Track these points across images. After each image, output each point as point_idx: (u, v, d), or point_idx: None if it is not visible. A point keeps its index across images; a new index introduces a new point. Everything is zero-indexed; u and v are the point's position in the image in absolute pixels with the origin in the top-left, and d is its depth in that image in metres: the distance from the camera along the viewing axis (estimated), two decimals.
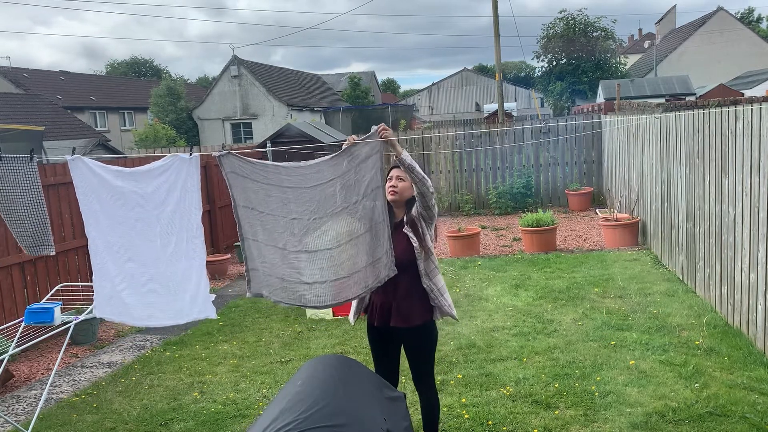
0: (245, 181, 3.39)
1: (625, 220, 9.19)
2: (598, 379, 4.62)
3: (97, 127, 32.63)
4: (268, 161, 3.43)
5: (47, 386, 4.54)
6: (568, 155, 13.27)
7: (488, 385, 4.68)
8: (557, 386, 4.55)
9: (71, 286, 6.14)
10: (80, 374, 5.69)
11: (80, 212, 3.74)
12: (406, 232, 3.37)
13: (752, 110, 4.79)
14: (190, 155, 3.62)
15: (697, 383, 4.41)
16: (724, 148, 5.48)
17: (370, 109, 28.91)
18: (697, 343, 5.12)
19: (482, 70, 64.46)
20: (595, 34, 32.38)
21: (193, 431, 4.39)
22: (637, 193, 9.31)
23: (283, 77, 35.98)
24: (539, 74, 36.74)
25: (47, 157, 6.51)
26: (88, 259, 3.85)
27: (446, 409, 4.33)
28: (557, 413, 4.17)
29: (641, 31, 58.83)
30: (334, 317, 6.69)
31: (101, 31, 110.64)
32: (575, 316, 6.09)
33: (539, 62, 34.70)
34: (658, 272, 7.44)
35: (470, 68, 54.37)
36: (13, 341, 4.66)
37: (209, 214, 10.45)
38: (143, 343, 6.46)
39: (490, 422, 4.12)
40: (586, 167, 13.19)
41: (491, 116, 28.98)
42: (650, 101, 18.09)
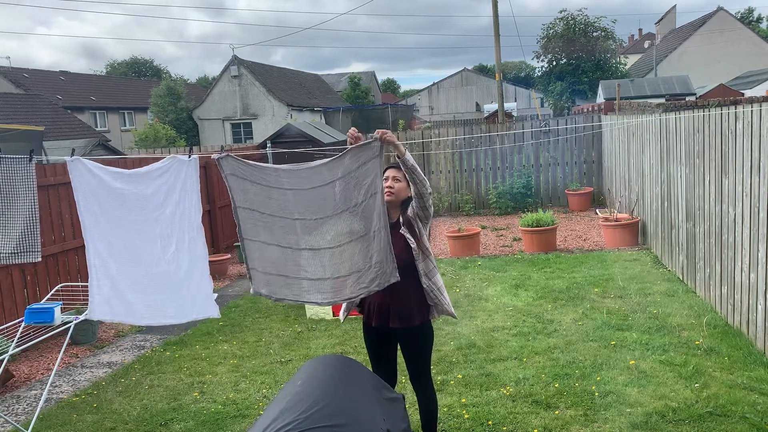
0: (245, 183, 3.40)
1: (625, 220, 9.19)
2: (598, 379, 4.62)
3: (97, 127, 32.63)
4: (266, 164, 3.42)
5: (47, 386, 4.54)
6: (568, 155, 13.27)
7: (488, 385, 4.68)
8: (557, 386, 4.55)
9: (71, 286, 6.14)
10: (80, 374, 5.69)
11: (78, 212, 3.74)
12: (402, 233, 3.37)
13: (752, 110, 4.79)
14: (189, 157, 3.63)
15: (697, 383, 4.41)
16: (724, 148, 5.48)
17: (370, 109, 28.91)
18: (697, 343, 5.12)
19: (482, 70, 64.47)
20: (595, 34, 32.35)
21: (193, 431, 4.39)
22: (637, 193, 9.31)
23: (283, 77, 35.97)
24: (539, 74, 36.71)
25: (47, 158, 6.51)
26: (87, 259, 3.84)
27: (446, 409, 4.33)
28: (557, 413, 4.17)
29: (641, 31, 58.87)
30: (334, 317, 6.69)
31: (101, 31, 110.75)
32: (575, 316, 6.09)
33: (539, 62, 34.70)
34: (658, 272, 7.44)
35: (470, 68, 54.37)
36: (13, 341, 4.66)
37: (209, 214, 10.45)
38: (143, 343, 6.46)
39: (490, 422, 4.12)
40: (586, 167, 13.19)
41: (491, 116, 28.98)
42: (650, 101, 18.08)
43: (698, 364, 4.72)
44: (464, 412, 4.27)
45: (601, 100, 23.23)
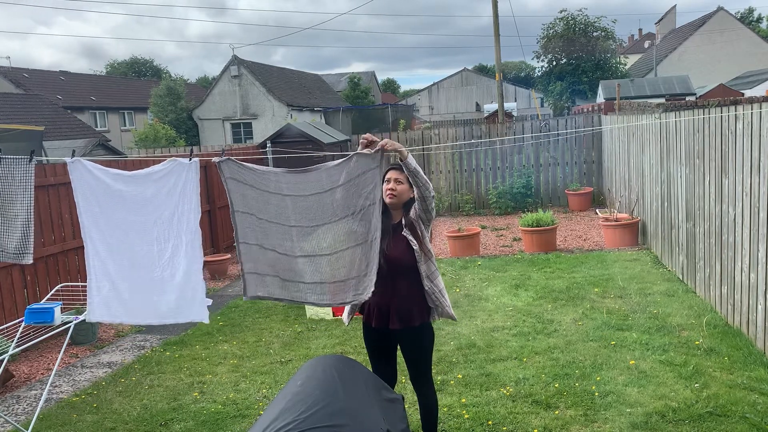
0: (244, 187, 3.40)
1: (625, 220, 9.19)
2: (598, 379, 4.62)
3: (97, 127, 32.63)
4: (267, 168, 3.42)
5: (47, 386, 4.54)
6: (568, 155, 13.27)
7: (488, 385, 4.69)
8: (557, 386, 4.55)
9: (71, 286, 6.14)
10: (80, 374, 5.69)
11: (77, 213, 3.73)
12: (405, 235, 3.37)
13: (752, 110, 4.79)
14: (189, 160, 3.63)
15: (697, 383, 4.41)
16: (724, 148, 5.48)
17: (370, 109, 28.90)
18: (697, 343, 5.12)
19: (482, 70, 64.49)
20: (595, 34, 32.37)
21: (193, 431, 4.39)
22: (637, 193, 9.31)
23: (283, 77, 35.96)
24: (539, 74, 36.73)
25: (47, 158, 6.51)
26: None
27: (446, 409, 4.33)
28: (557, 413, 4.17)
29: (641, 31, 58.87)
30: (334, 317, 6.69)
31: (102, 31, 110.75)
32: (575, 316, 6.10)
33: (539, 62, 34.74)
34: (658, 272, 7.44)
35: (470, 68, 54.37)
36: (13, 341, 4.66)
37: (209, 214, 10.45)
38: (143, 343, 6.46)
39: (490, 422, 4.12)
40: (586, 167, 13.19)
41: (491, 116, 28.97)
42: (650, 101, 18.08)
43: (698, 364, 4.72)
44: (464, 412, 4.27)
45: (601, 100, 23.23)
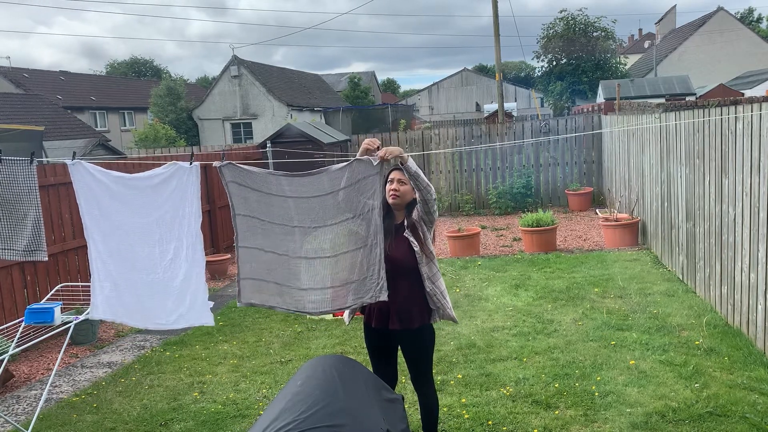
0: (246, 190, 3.40)
1: (625, 220, 9.19)
2: (598, 379, 4.62)
3: (97, 127, 32.63)
4: (268, 171, 3.41)
5: (47, 386, 4.54)
6: (568, 155, 13.27)
7: (488, 385, 4.69)
8: (557, 386, 4.55)
9: (71, 286, 6.14)
10: (80, 374, 5.69)
11: (80, 214, 3.74)
12: (406, 236, 3.37)
13: (752, 110, 4.79)
14: (190, 163, 3.63)
15: (697, 383, 4.41)
16: (724, 148, 5.48)
17: (370, 109, 28.89)
18: (697, 343, 5.12)
19: (482, 70, 64.47)
20: (595, 34, 32.36)
21: (193, 431, 4.39)
22: (637, 193, 9.31)
23: (283, 77, 35.95)
24: (539, 74, 36.72)
25: (47, 159, 6.51)
26: (88, 259, 3.84)
27: (446, 409, 4.33)
28: (557, 413, 4.17)
29: (641, 31, 58.86)
30: (334, 317, 6.69)
31: (102, 31, 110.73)
32: (575, 316, 6.10)
33: (539, 62, 34.72)
34: (658, 272, 7.44)
35: (470, 68, 54.34)
36: (13, 341, 4.66)
37: (209, 214, 10.45)
38: (143, 343, 6.46)
39: (490, 422, 4.12)
40: (586, 167, 13.20)
41: (491, 116, 28.97)
42: (650, 101, 18.08)
43: (698, 364, 4.72)
44: (464, 412, 4.27)
45: (601, 100, 23.23)
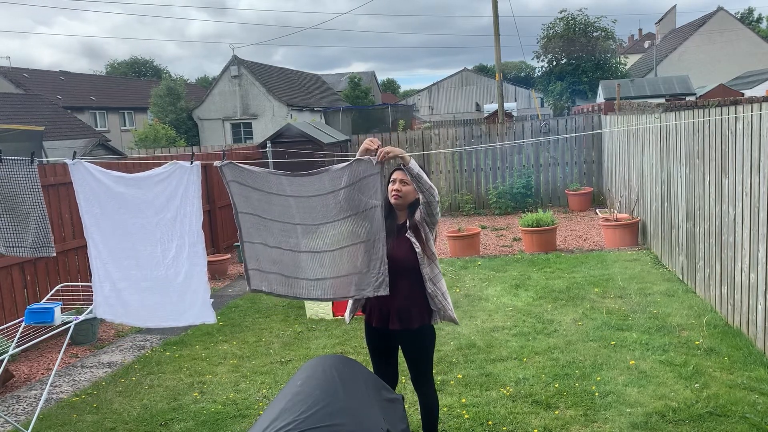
0: (247, 189, 3.42)
1: (625, 220, 9.19)
2: (598, 379, 4.62)
3: (97, 127, 32.62)
4: (269, 170, 3.42)
5: (47, 386, 4.54)
6: (568, 155, 13.27)
7: (488, 385, 4.69)
8: (557, 386, 4.55)
9: (71, 286, 6.14)
10: (80, 374, 5.69)
11: (80, 214, 3.74)
12: (408, 236, 3.37)
13: (752, 110, 4.79)
14: (191, 163, 3.63)
15: (697, 383, 4.41)
16: (724, 148, 5.48)
17: (370, 109, 28.89)
18: (697, 343, 5.12)
19: (482, 70, 64.47)
20: (595, 34, 32.35)
21: (193, 431, 4.39)
22: (637, 193, 9.31)
23: (283, 77, 35.94)
24: (539, 74, 36.70)
25: (47, 159, 6.51)
26: (88, 259, 3.85)
27: (446, 409, 4.33)
28: (557, 413, 4.17)
29: (641, 31, 58.85)
30: (334, 317, 6.69)
31: (102, 31, 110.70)
32: (575, 316, 6.10)
33: (539, 62, 34.70)
34: (658, 272, 7.44)
35: (470, 68, 54.34)
36: (13, 341, 4.66)
37: (209, 214, 10.45)
38: (143, 343, 6.46)
39: (490, 422, 4.12)
40: (586, 167, 13.20)
41: (491, 116, 28.96)
42: (650, 101, 18.08)
43: (698, 364, 4.72)
44: (464, 412, 4.27)
45: (601, 100, 23.23)
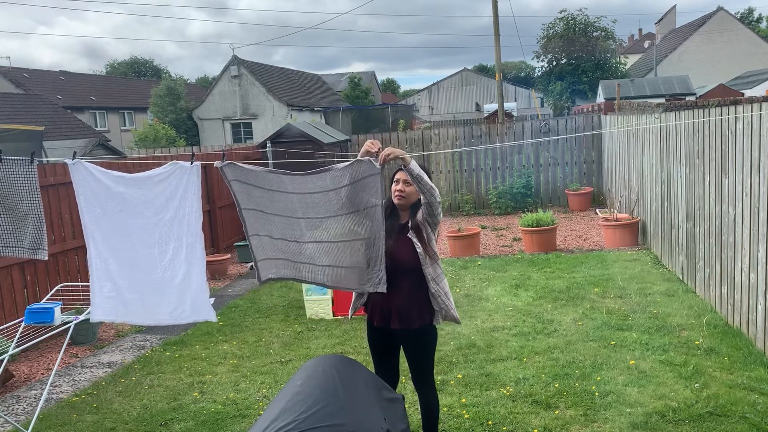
0: (249, 187, 3.43)
1: (625, 220, 9.19)
2: (598, 379, 4.62)
3: (97, 127, 32.62)
4: (269, 169, 3.42)
5: (47, 386, 4.54)
6: (568, 155, 13.27)
7: (488, 385, 4.69)
8: (557, 386, 4.55)
9: (71, 286, 6.14)
10: (80, 374, 5.69)
11: (80, 214, 3.74)
12: (410, 237, 3.37)
13: (752, 110, 4.79)
14: (191, 163, 3.62)
15: (697, 383, 4.41)
16: (724, 148, 5.48)
17: (370, 109, 28.89)
18: (697, 343, 5.12)
19: (482, 70, 64.46)
20: (595, 34, 32.36)
21: (193, 431, 4.39)
22: (637, 193, 9.31)
23: (283, 77, 35.94)
24: (539, 74, 36.71)
25: (47, 159, 6.51)
26: (87, 259, 3.84)
27: (446, 409, 4.33)
28: (557, 413, 4.17)
29: (641, 31, 58.85)
30: (334, 317, 6.69)
31: (102, 31, 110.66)
32: (575, 316, 6.10)
33: (539, 62, 34.70)
34: (658, 272, 7.44)
35: (470, 68, 54.34)
36: (13, 341, 4.66)
37: (209, 214, 10.45)
38: (143, 343, 6.46)
39: (490, 422, 4.12)
40: (586, 167, 13.20)
41: (491, 116, 28.96)
42: (650, 101, 18.08)
43: (698, 364, 4.72)
44: (464, 412, 4.27)
45: (601, 100, 23.23)
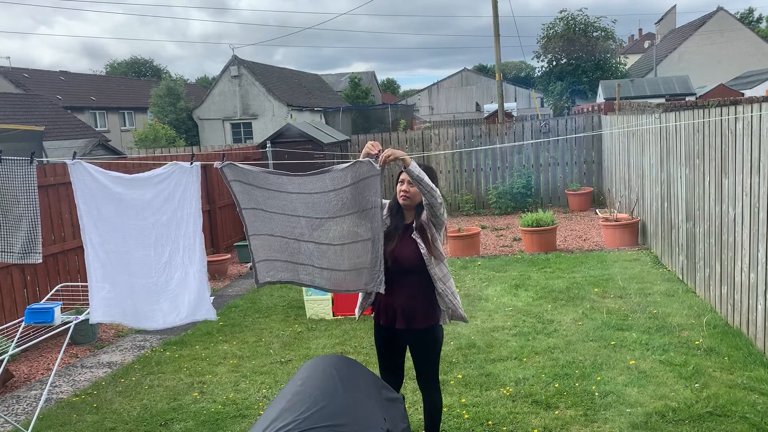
0: (249, 188, 3.43)
1: (625, 220, 9.19)
2: (598, 379, 4.62)
3: (97, 127, 32.62)
4: (269, 170, 3.42)
5: (47, 386, 4.54)
6: (568, 155, 13.27)
7: (488, 385, 4.69)
8: (557, 386, 4.55)
9: (71, 286, 6.14)
10: (80, 374, 5.69)
11: (78, 214, 3.73)
12: (414, 237, 3.37)
13: (752, 110, 4.79)
14: (191, 164, 3.62)
15: (697, 383, 4.41)
16: (724, 148, 5.48)
17: (370, 109, 28.89)
18: (697, 343, 5.12)
19: (482, 70, 64.45)
20: (595, 34, 32.37)
21: (193, 431, 4.39)
22: (637, 193, 9.31)
23: (283, 77, 35.94)
24: (539, 74, 36.73)
25: (47, 159, 6.51)
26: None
27: (446, 409, 4.33)
28: (557, 413, 4.17)
29: (641, 31, 58.82)
30: (334, 317, 6.69)
31: (102, 31, 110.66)
32: (575, 316, 6.10)
33: (539, 62, 34.74)
34: (658, 272, 7.44)
35: (470, 68, 54.33)
36: (13, 341, 4.66)
37: (209, 214, 10.45)
38: (143, 343, 6.46)
39: (490, 422, 4.12)
40: (586, 167, 13.20)
41: (491, 116, 28.96)
42: (650, 101, 18.08)
43: (698, 364, 4.72)
44: (464, 412, 4.27)
45: (601, 100, 23.24)
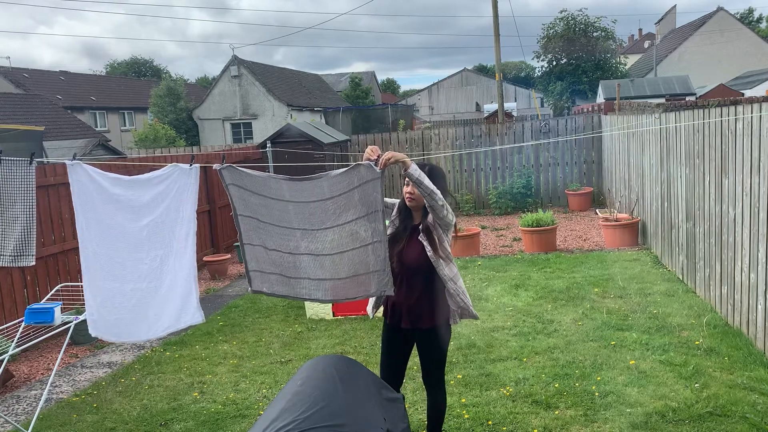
0: (246, 193, 3.41)
1: (625, 220, 9.19)
2: (598, 379, 4.62)
3: (97, 127, 32.62)
4: (268, 174, 3.41)
5: (47, 386, 4.54)
6: (568, 155, 13.27)
7: (488, 385, 4.69)
8: (557, 386, 4.55)
9: (71, 286, 6.14)
10: (80, 374, 5.69)
11: (75, 216, 3.72)
12: (420, 239, 3.36)
13: (752, 111, 4.79)
14: (190, 165, 3.61)
15: (697, 383, 4.41)
16: (724, 148, 5.48)
17: (370, 109, 28.88)
18: (697, 343, 5.12)
19: (482, 70, 64.46)
20: (595, 34, 32.37)
21: (193, 431, 4.39)
22: (637, 193, 9.31)
23: (283, 77, 35.94)
24: (539, 74, 36.73)
25: (47, 159, 6.51)
26: None
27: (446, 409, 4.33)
28: (557, 413, 4.17)
29: (641, 31, 58.81)
30: (334, 317, 6.69)
31: (102, 31, 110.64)
32: (575, 316, 6.10)
33: (539, 62, 34.72)
34: (658, 272, 7.44)
35: (470, 68, 54.33)
36: (13, 341, 4.66)
37: (209, 214, 10.45)
38: (143, 343, 6.46)
39: (490, 422, 4.12)
40: (586, 167, 13.20)
41: (491, 116, 28.96)
42: (650, 101, 18.08)
43: (698, 364, 4.72)
44: (464, 412, 4.27)
45: (601, 100, 23.24)
